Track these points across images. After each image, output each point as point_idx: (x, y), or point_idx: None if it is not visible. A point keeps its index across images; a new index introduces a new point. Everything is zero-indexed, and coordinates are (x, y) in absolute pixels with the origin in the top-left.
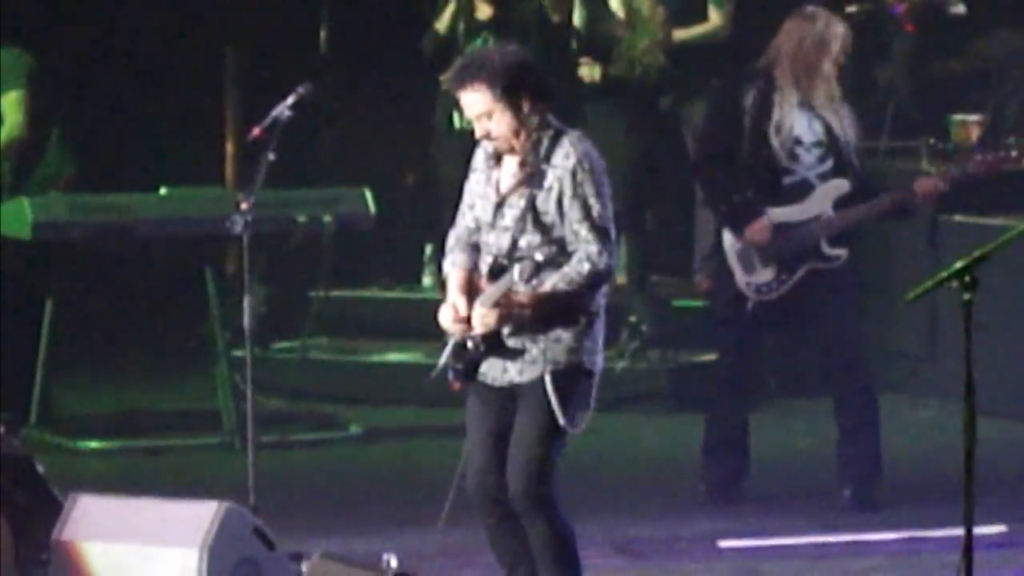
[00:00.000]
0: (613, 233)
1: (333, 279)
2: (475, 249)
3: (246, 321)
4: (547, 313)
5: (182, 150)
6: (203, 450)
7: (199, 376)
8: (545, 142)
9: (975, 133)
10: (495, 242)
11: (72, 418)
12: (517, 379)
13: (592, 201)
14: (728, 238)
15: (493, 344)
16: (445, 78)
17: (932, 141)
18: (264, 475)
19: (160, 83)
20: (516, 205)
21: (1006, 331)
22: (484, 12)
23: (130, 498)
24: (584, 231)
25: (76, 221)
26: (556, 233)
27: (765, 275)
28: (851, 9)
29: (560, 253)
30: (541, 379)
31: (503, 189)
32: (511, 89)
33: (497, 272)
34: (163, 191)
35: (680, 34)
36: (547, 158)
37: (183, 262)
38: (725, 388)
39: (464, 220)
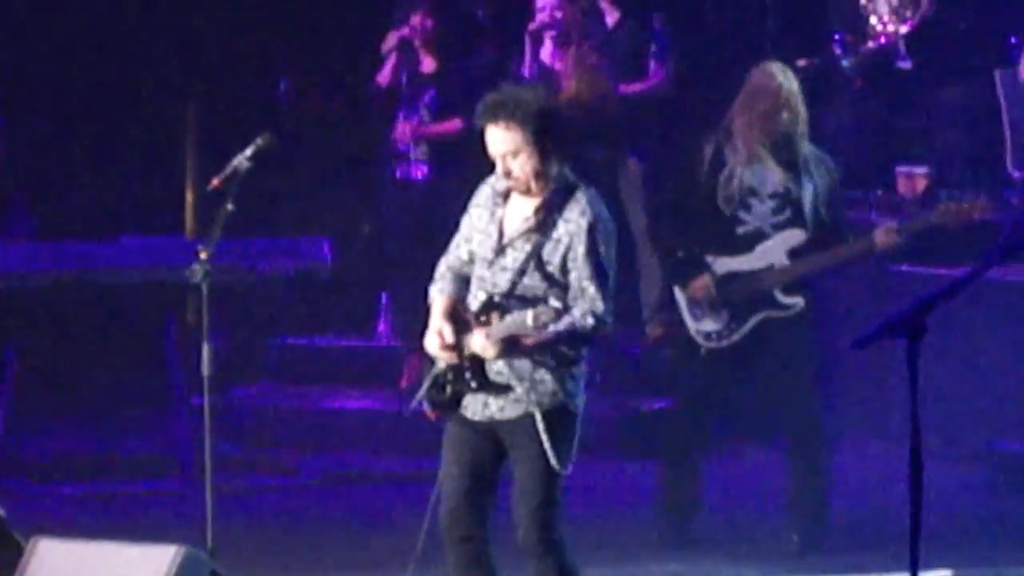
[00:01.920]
0: (613, 291)
1: (290, 326)
2: (464, 281)
3: (205, 368)
4: (541, 356)
5: (143, 200)
6: (162, 494)
7: (159, 422)
8: (560, 193)
9: (921, 185)
10: (491, 279)
11: (34, 463)
12: (498, 416)
13: (604, 261)
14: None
15: (485, 378)
16: (479, 114)
17: (879, 192)
18: (222, 519)
19: (121, 134)
20: (521, 248)
21: (951, 377)
22: (428, 65)
23: (90, 542)
24: (592, 289)
25: (37, 270)
26: (555, 281)
27: (715, 323)
28: (801, 63)
29: (558, 300)
30: (527, 420)
31: (508, 230)
32: (541, 132)
33: (491, 309)
34: (124, 239)
35: (624, 88)
36: (560, 210)
37: (143, 309)
38: (678, 434)
39: (458, 251)
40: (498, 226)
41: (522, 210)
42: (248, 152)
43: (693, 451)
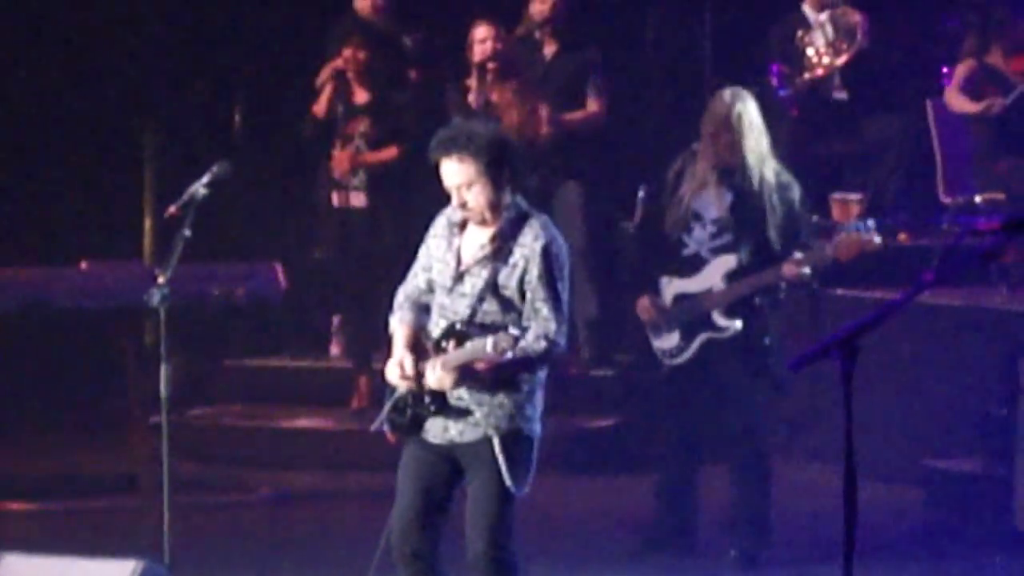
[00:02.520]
0: (566, 314)
1: (245, 349)
2: (423, 310)
3: (162, 389)
4: (498, 381)
5: (102, 226)
6: (122, 511)
7: (118, 441)
8: (514, 220)
9: (855, 211)
10: (451, 306)
11: None
12: (458, 439)
13: (557, 284)
14: None
15: (444, 403)
16: (432, 148)
17: (815, 217)
18: (179, 535)
19: (81, 162)
20: (478, 275)
21: (885, 398)
22: (361, 97)
23: (53, 556)
24: (546, 311)
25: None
26: (513, 306)
27: (671, 341)
28: None
29: (516, 326)
30: (485, 443)
31: (466, 258)
32: (494, 164)
33: (451, 336)
34: (84, 265)
35: (562, 118)
36: (514, 236)
37: (103, 333)
38: (668, 449)
39: (416, 280)
40: (455, 254)
41: (478, 238)
42: (204, 180)
43: (674, 465)
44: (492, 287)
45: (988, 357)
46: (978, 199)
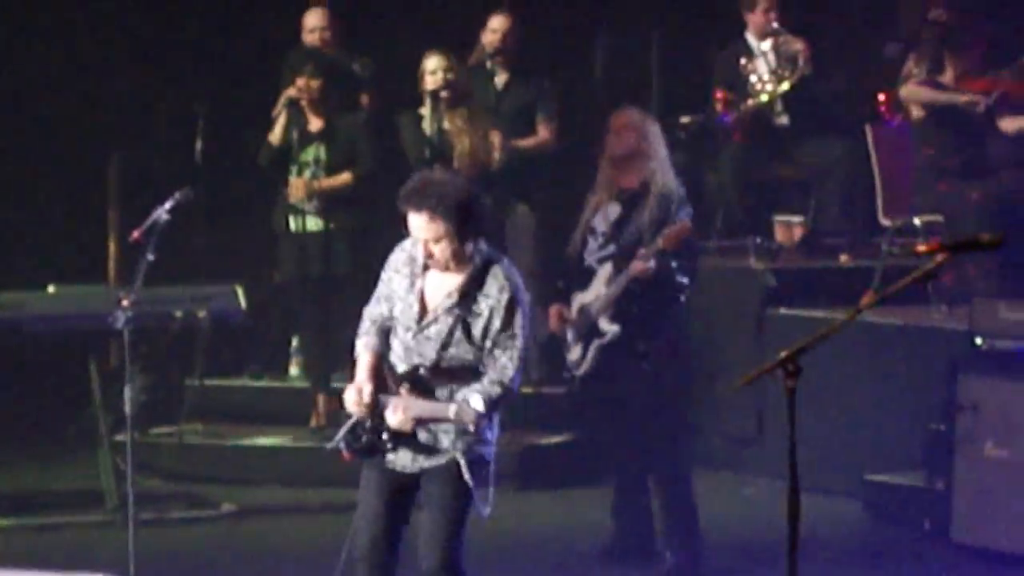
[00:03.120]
0: (524, 360)
1: (207, 369)
2: (386, 334)
3: (127, 408)
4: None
5: (68, 251)
6: (88, 527)
7: (84, 459)
8: (479, 268)
9: (798, 233)
10: (417, 348)
11: None
12: (426, 465)
13: (518, 331)
14: None
15: (404, 439)
16: (402, 198)
17: (758, 240)
18: (143, 550)
19: (49, 190)
20: (444, 322)
21: (828, 414)
22: (315, 124)
23: (22, 571)
24: (504, 359)
25: None
26: (480, 352)
27: (576, 352)
28: (684, 120)
29: (476, 370)
30: (450, 464)
31: (431, 303)
32: (462, 223)
33: (416, 380)
34: (51, 289)
35: (513, 144)
36: (480, 284)
37: (69, 354)
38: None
39: (379, 307)
40: (419, 297)
41: (443, 286)
42: (167, 206)
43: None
44: (460, 334)
45: (927, 374)
46: (917, 221)
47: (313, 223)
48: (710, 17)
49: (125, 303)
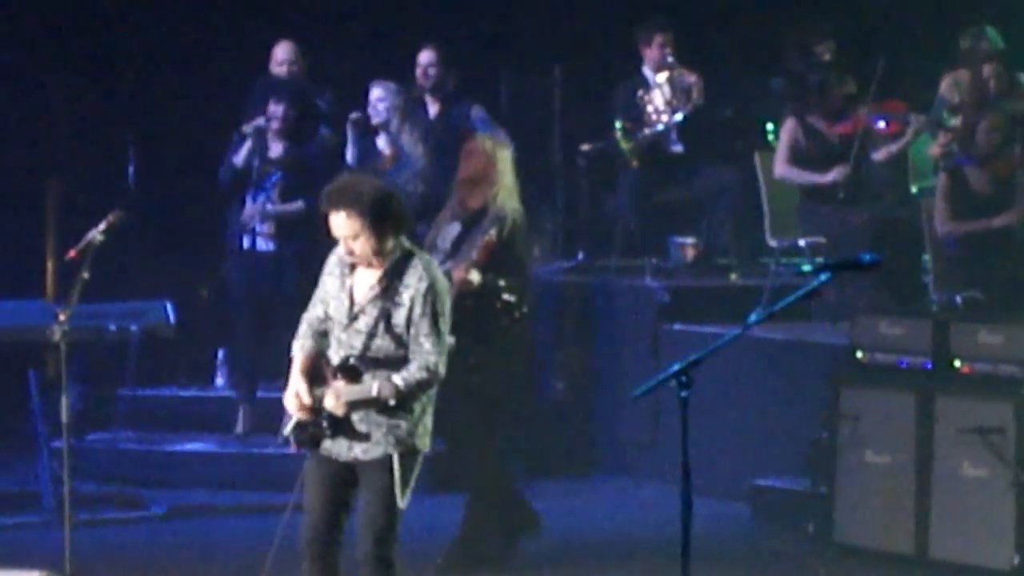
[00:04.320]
0: (446, 346)
1: (138, 379)
2: (322, 335)
3: (63, 416)
4: (386, 406)
5: (8, 268)
6: (26, 527)
7: (23, 463)
8: (399, 262)
9: (691, 253)
10: (348, 341)
11: None
12: (361, 456)
13: (439, 319)
14: None
15: (342, 426)
16: (322, 200)
17: (654, 260)
18: (79, 549)
19: None
20: (370, 313)
21: (718, 422)
22: (276, 150)
23: None
24: (428, 345)
25: None
26: (403, 342)
27: None
28: (585, 147)
29: (405, 358)
30: (384, 458)
31: (358, 297)
32: (377, 219)
33: (346, 369)
34: None
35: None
36: (400, 276)
37: (9, 365)
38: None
39: (315, 310)
40: (348, 294)
41: (368, 279)
42: (101, 227)
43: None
44: (384, 325)
45: (812, 385)
46: (802, 242)
47: (265, 244)
48: (609, 52)
49: (62, 317)
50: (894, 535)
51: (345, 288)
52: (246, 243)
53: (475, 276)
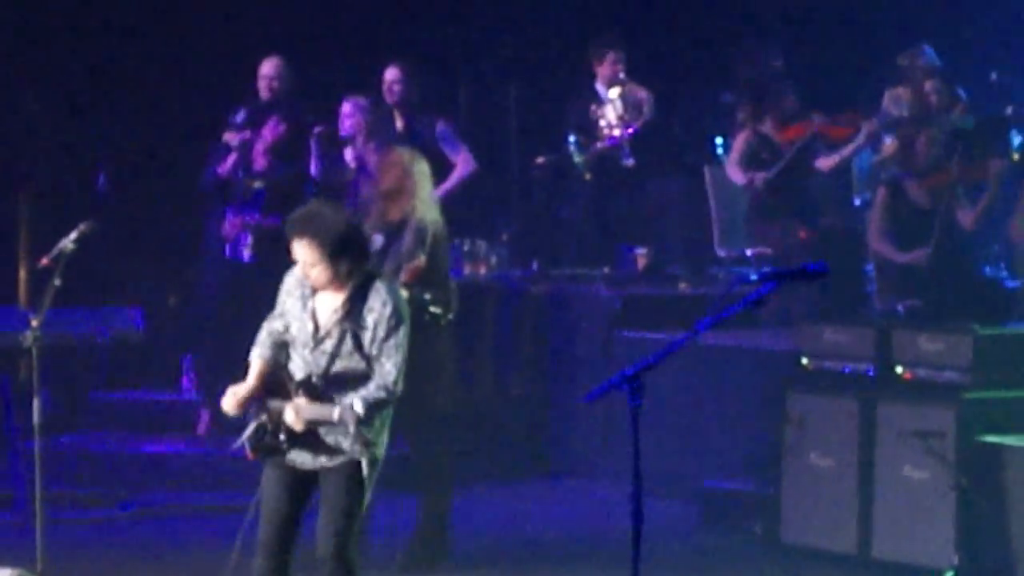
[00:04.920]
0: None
1: (108, 383)
2: (280, 347)
3: (35, 418)
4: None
5: None
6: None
7: None
8: (362, 285)
9: (642, 263)
10: (314, 361)
11: None
12: (327, 464)
13: (400, 341)
14: None
15: (303, 439)
16: (287, 224)
17: (606, 269)
18: (51, 546)
19: None
20: (335, 335)
21: (668, 425)
22: (260, 164)
23: None
24: (388, 366)
25: None
26: (367, 359)
27: None
28: (540, 160)
29: (367, 375)
30: (350, 463)
31: (322, 320)
32: (336, 252)
33: (309, 387)
34: None
35: (442, 186)
36: (364, 300)
37: None
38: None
39: (274, 322)
40: (311, 316)
41: (331, 302)
42: (72, 236)
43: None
44: (348, 346)
45: (759, 390)
46: (748, 253)
47: (247, 256)
48: (563, 69)
49: (34, 323)
50: (838, 535)
51: (307, 310)
52: (228, 252)
53: (403, 292)
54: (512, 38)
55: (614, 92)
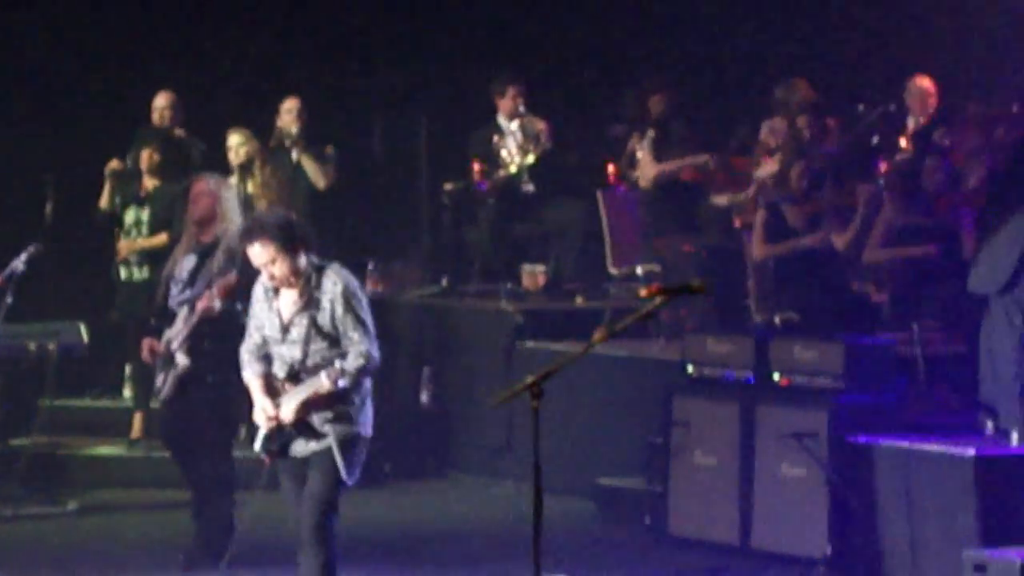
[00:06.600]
0: (374, 332)
1: (55, 391)
2: (264, 358)
3: None
4: (333, 398)
5: None
6: None
7: None
8: (313, 275)
9: (541, 280)
10: (288, 353)
11: None
12: (316, 448)
13: (360, 312)
14: None
15: (303, 428)
16: (239, 239)
17: (508, 285)
18: (3, 542)
19: None
20: (300, 324)
21: (566, 428)
22: (140, 190)
23: None
24: (357, 336)
25: None
26: (336, 342)
27: (159, 380)
28: (448, 186)
29: (342, 355)
30: (327, 450)
31: (285, 313)
32: (288, 241)
33: (291, 378)
34: None
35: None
36: (317, 287)
37: None
38: None
39: (252, 338)
40: (277, 313)
41: (291, 296)
42: (22, 258)
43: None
44: (314, 330)
45: (648, 395)
46: (639, 270)
47: (139, 274)
48: (468, 102)
49: None
50: (721, 527)
51: (273, 309)
52: (124, 274)
53: (217, 304)
54: (423, 73)
55: (514, 124)
